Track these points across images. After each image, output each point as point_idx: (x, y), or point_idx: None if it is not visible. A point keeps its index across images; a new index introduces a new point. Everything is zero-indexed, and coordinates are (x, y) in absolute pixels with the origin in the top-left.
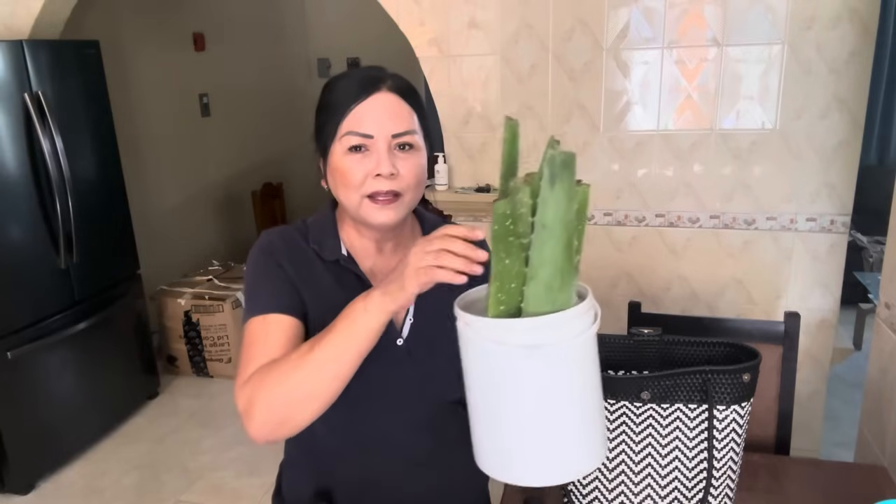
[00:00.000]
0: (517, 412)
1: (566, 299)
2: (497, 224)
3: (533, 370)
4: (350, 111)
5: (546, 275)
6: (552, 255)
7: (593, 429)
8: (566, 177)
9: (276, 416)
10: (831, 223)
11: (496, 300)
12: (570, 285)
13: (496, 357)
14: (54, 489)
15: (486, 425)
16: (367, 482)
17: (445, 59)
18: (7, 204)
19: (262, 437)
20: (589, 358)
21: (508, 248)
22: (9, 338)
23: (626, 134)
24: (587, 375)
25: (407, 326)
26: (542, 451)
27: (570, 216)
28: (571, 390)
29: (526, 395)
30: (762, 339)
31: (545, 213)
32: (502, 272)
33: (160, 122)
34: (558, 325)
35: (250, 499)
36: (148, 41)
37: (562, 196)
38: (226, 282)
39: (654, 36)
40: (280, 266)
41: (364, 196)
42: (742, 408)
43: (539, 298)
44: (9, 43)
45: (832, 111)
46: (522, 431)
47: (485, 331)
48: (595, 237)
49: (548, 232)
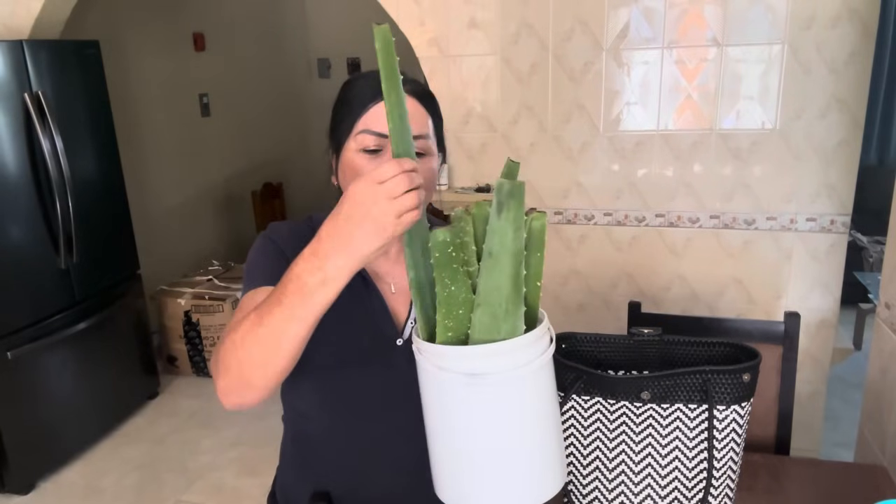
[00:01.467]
0: (467, 440)
1: (512, 328)
2: (438, 252)
3: (478, 399)
4: (367, 110)
5: (492, 303)
6: (498, 284)
7: (548, 457)
8: (513, 206)
9: (236, 386)
10: (831, 223)
11: (444, 327)
12: (515, 315)
13: (443, 384)
14: (54, 489)
15: (440, 452)
16: (365, 485)
17: (445, 59)
18: (7, 204)
19: (230, 402)
20: (540, 386)
21: (453, 276)
22: (9, 338)
23: (626, 134)
24: (539, 404)
25: (408, 327)
26: (495, 480)
27: (517, 245)
28: (521, 419)
29: (473, 423)
30: (762, 339)
31: (492, 241)
32: (448, 298)
33: (160, 122)
34: (501, 355)
35: (250, 499)
36: (148, 41)
37: (507, 226)
38: (226, 282)
39: (654, 36)
40: (282, 252)
41: None
42: (742, 408)
43: (485, 326)
44: (9, 43)
45: (832, 111)
46: (473, 459)
47: (432, 357)
48: (595, 237)
49: (493, 261)
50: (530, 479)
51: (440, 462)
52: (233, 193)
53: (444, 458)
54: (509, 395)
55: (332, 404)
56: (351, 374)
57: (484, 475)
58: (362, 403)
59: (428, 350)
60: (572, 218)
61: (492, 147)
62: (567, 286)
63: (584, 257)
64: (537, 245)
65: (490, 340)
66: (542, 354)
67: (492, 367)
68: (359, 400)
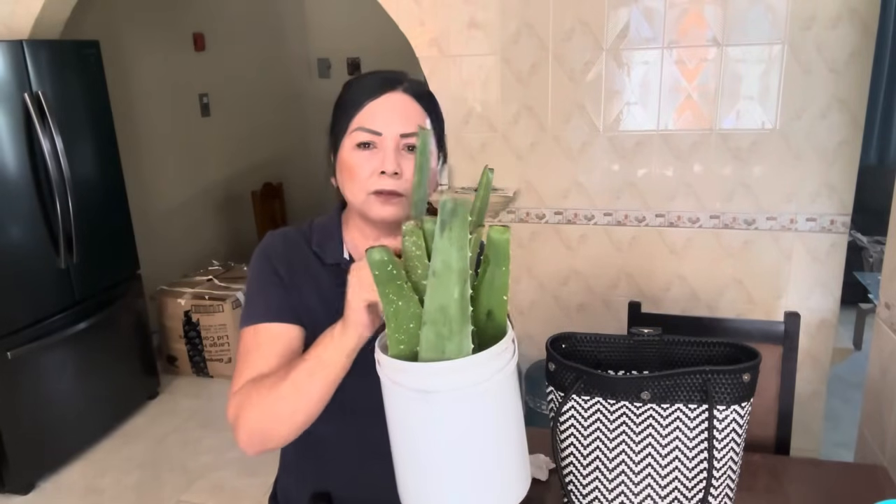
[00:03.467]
0: (425, 451)
1: (458, 348)
2: (377, 270)
3: (431, 414)
4: (363, 107)
5: (437, 322)
6: (442, 303)
7: (506, 469)
8: (456, 225)
9: (258, 433)
10: (831, 223)
11: (395, 340)
12: (461, 334)
13: (397, 397)
14: (54, 489)
15: (402, 462)
16: (365, 488)
17: (445, 59)
18: (7, 204)
19: (250, 451)
20: (498, 401)
21: (398, 291)
22: (9, 338)
23: (626, 134)
24: (496, 418)
25: None
26: (454, 490)
27: (461, 265)
28: (477, 433)
29: (428, 436)
30: (762, 339)
31: (435, 261)
32: (396, 313)
33: (160, 122)
34: (452, 373)
35: (250, 499)
36: (148, 41)
37: (449, 245)
38: (226, 282)
39: (654, 36)
40: (276, 272)
41: (369, 193)
42: (742, 408)
43: (431, 345)
44: (9, 43)
45: (832, 111)
46: (431, 470)
47: (387, 369)
48: (595, 237)
49: (437, 280)
50: (490, 489)
51: (402, 470)
52: (233, 193)
53: (405, 466)
54: (463, 411)
55: (333, 408)
56: (352, 379)
57: (443, 485)
58: (363, 407)
59: (383, 362)
60: (572, 218)
61: (492, 147)
62: (567, 286)
63: (584, 257)
64: (502, 258)
65: (435, 358)
66: (500, 371)
67: (443, 384)
68: (359, 403)
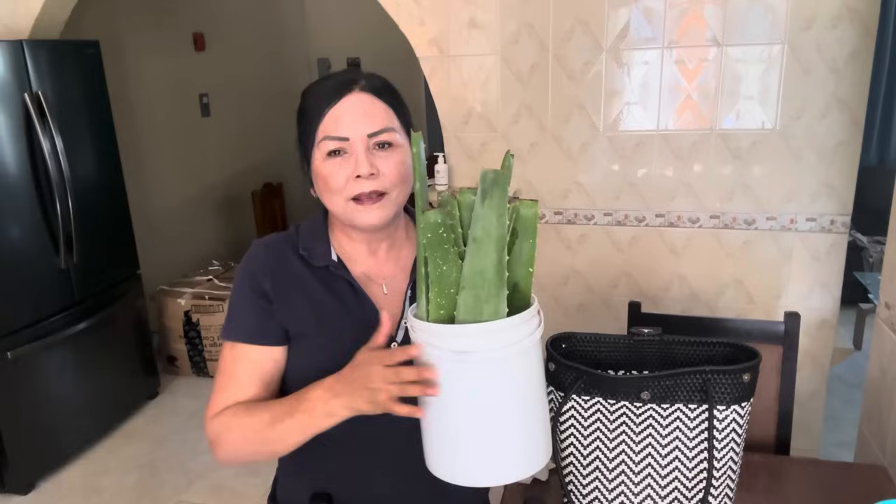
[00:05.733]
0: (455, 414)
1: (494, 311)
2: (430, 232)
3: (465, 375)
4: (324, 116)
5: (475, 286)
6: (481, 268)
7: (532, 435)
8: (496, 194)
9: (237, 461)
10: (831, 223)
11: (436, 304)
12: (498, 297)
13: (433, 360)
14: (54, 489)
15: (431, 425)
16: (364, 488)
17: (445, 59)
18: (7, 204)
19: (228, 465)
20: (525, 366)
21: (444, 256)
22: (9, 338)
23: (626, 134)
24: (524, 382)
25: (402, 329)
26: (481, 454)
27: (500, 231)
28: (506, 396)
29: (461, 398)
30: (762, 339)
31: (475, 227)
32: (440, 278)
33: (160, 122)
34: (489, 334)
35: (250, 499)
36: (148, 41)
37: (490, 213)
38: (226, 282)
39: (654, 36)
40: (259, 289)
41: (348, 199)
42: (742, 408)
43: (469, 308)
44: (9, 43)
45: (832, 111)
46: (460, 434)
47: (423, 334)
48: (595, 237)
49: (477, 246)
50: (515, 453)
51: (431, 436)
52: (233, 193)
53: (434, 432)
54: (495, 373)
55: None
56: None
57: (471, 449)
58: None
59: (420, 327)
60: (572, 218)
61: (492, 147)
62: (567, 286)
63: (584, 257)
64: (530, 232)
65: (473, 321)
66: (530, 336)
67: (479, 345)
68: None
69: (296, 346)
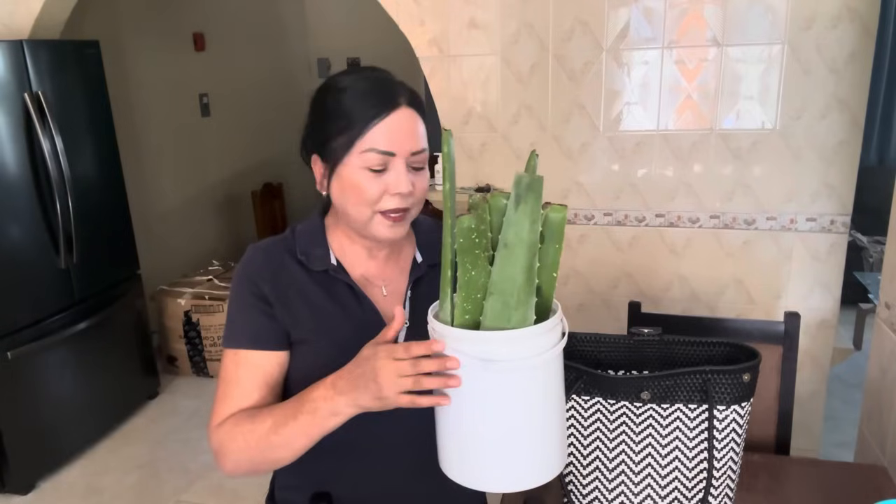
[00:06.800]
0: (474, 419)
1: (522, 318)
2: (462, 237)
3: (489, 383)
4: (371, 127)
5: (504, 292)
6: (511, 274)
7: (550, 443)
8: (530, 199)
9: (244, 467)
10: (831, 223)
11: (462, 309)
12: (526, 304)
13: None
14: (54, 489)
15: (449, 431)
16: (364, 488)
17: (445, 59)
18: (7, 204)
19: (234, 476)
20: (549, 375)
21: (474, 261)
22: (9, 338)
23: (626, 134)
24: (547, 392)
25: (403, 332)
26: (499, 460)
27: (532, 238)
28: (529, 405)
29: (483, 405)
30: (762, 339)
31: (507, 232)
32: (468, 283)
33: (160, 122)
34: (517, 342)
35: (250, 499)
36: (148, 41)
37: (524, 218)
38: (226, 282)
39: (654, 36)
40: (258, 293)
41: (377, 212)
42: (742, 408)
43: (496, 314)
44: (9, 43)
45: (832, 111)
46: (480, 440)
47: (449, 339)
48: (595, 237)
49: (508, 251)
50: (533, 461)
51: (446, 438)
52: (233, 193)
53: (452, 437)
54: (520, 382)
55: None
56: None
57: (487, 455)
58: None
59: (445, 332)
60: (572, 218)
61: (492, 147)
62: (567, 286)
63: (584, 257)
64: (556, 237)
65: (500, 328)
66: (554, 346)
67: (507, 353)
68: None
69: (297, 352)
